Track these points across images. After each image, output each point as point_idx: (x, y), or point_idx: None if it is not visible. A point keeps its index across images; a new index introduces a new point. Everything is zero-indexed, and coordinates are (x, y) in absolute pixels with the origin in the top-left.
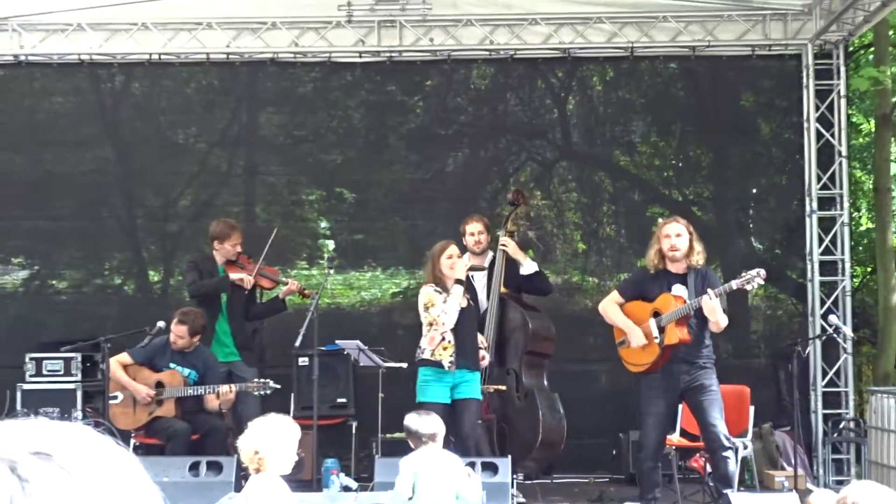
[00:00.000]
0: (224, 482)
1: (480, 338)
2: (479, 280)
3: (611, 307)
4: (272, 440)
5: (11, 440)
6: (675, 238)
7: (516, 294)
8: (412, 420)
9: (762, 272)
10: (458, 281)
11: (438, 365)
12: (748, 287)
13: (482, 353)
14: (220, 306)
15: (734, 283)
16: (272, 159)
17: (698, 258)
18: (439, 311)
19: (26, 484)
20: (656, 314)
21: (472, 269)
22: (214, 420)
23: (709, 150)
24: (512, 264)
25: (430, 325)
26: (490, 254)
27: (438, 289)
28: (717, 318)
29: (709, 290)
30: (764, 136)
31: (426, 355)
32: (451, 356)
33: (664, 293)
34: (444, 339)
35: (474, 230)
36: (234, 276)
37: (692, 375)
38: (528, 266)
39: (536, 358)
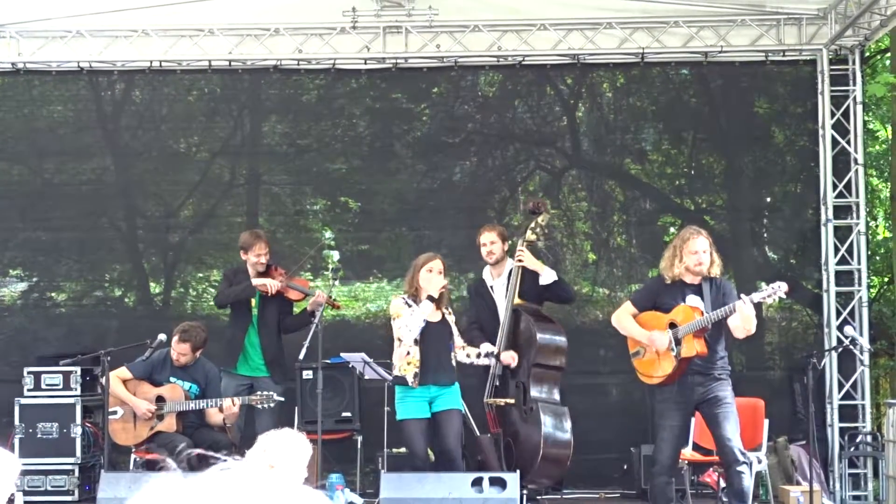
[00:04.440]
0: None
1: (489, 347)
2: (499, 290)
3: (625, 318)
4: (287, 455)
5: None
6: (703, 255)
7: (537, 304)
8: None
9: (783, 286)
10: (429, 297)
11: (404, 381)
12: (768, 301)
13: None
14: (251, 318)
15: (755, 297)
16: (275, 168)
17: (716, 269)
18: (400, 325)
19: None
20: (672, 325)
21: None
22: (217, 435)
23: (722, 157)
24: (531, 274)
25: (399, 339)
26: (509, 263)
27: (410, 301)
28: (751, 326)
29: (742, 297)
30: (778, 144)
31: (396, 371)
32: (415, 371)
33: (680, 304)
34: (408, 353)
35: (486, 240)
36: (258, 281)
37: (707, 387)
38: (546, 276)
39: (545, 371)
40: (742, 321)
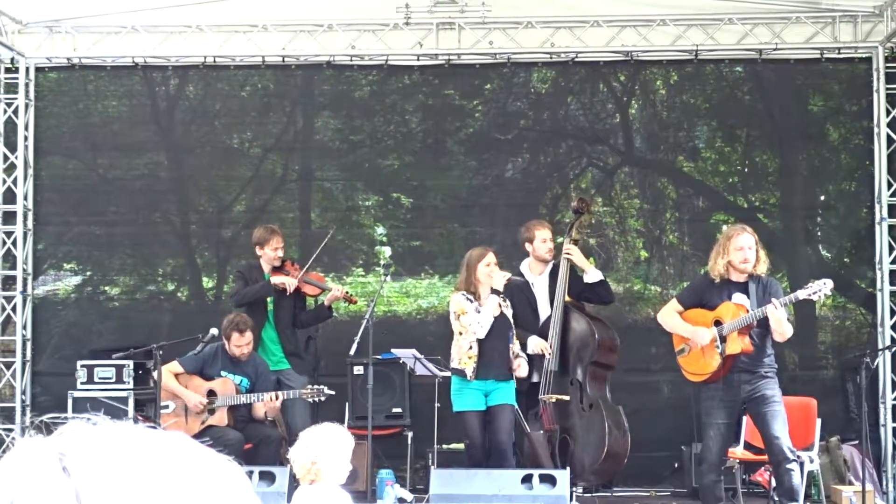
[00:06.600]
0: (277, 492)
1: (541, 345)
2: (540, 288)
3: (670, 315)
4: (330, 449)
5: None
6: (748, 251)
7: (578, 302)
8: None
9: (829, 282)
10: (494, 291)
11: (462, 374)
12: (814, 298)
13: (520, 361)
14: (266, 314)
15: (800, 294)
16: (328, 164)
17: (762, 267)
18: (471, 321)
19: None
20: (717, 323)
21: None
22: (267, 429)
23: (775, 155)
24: (573, 272)
25: (460, 333)
26: (550, 263)
27: (469, 296)
28: (783, 329)
29: (773, 300)
30: (833, 142)
31: (455, 364)
32: (474, 366)
33: (725, 302)
34: (470, 347)
35: (546, 236)
36: (277, 279)
37: (754, 385)
38: (592, 274)
39: (601, 369)
40: (773, 324)
